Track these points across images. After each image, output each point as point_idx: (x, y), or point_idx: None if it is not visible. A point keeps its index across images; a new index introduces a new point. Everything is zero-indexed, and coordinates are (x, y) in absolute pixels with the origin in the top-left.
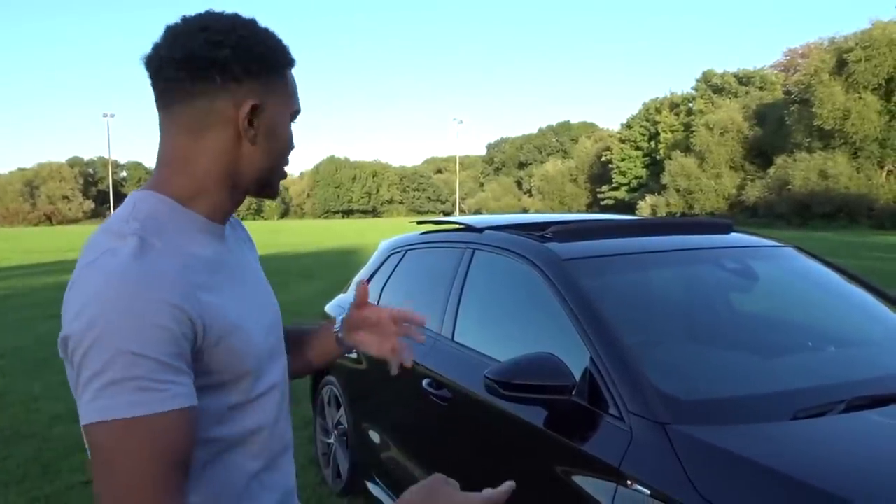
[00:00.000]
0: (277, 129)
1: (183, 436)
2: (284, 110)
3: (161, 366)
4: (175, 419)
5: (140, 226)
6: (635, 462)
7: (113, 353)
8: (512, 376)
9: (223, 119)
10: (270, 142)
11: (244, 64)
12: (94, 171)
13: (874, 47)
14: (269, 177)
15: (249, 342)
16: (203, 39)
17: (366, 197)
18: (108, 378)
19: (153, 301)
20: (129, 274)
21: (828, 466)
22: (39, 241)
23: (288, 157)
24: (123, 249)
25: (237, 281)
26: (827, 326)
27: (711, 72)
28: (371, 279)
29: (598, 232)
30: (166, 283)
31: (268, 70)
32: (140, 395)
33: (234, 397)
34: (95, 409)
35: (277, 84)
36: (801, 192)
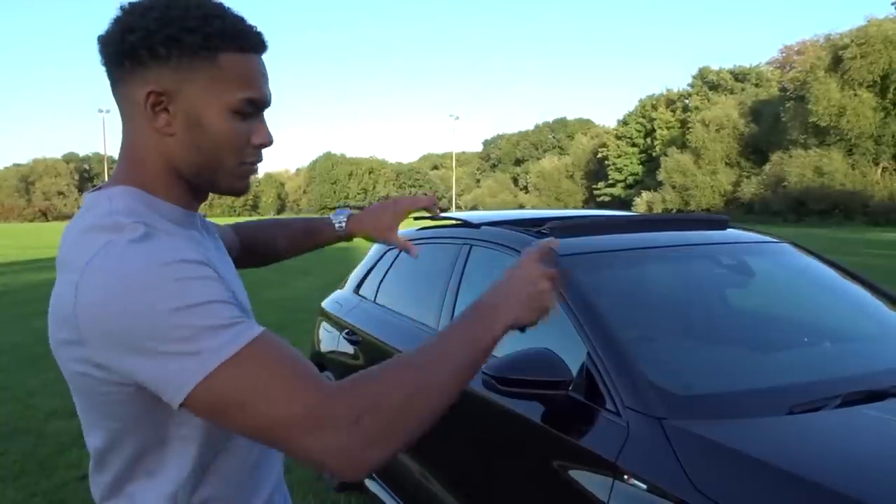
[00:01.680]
0: (202, 120)
1: (281, 341)
2: (213, 99)
3: (229, 306)
4: (269, 335)
5: (128, 217)
6: (632, 457)
7: (184, 314)
8: (509, 371)
9: (137, 107)
10: (193, 134)
11: (149, 46)
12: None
13: (869, 44)
14: (209, 173)
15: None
16: (120, 22)
17: (362, 193)
18: (193, 335)
19: (196, 261)
20: (150, 251)
21: (823, 461)
22: (35, 237)
23: (241, 153)
24: (126, 238)
25: (224, 263)
26: (823, 322)
27: (707, 68)
28: (369, 274)
29: (594, 228)
30: (192, 251)
31: (180, 53)
32: (231, 329)
33: None
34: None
35: (201, 70)
36: (796, 189)
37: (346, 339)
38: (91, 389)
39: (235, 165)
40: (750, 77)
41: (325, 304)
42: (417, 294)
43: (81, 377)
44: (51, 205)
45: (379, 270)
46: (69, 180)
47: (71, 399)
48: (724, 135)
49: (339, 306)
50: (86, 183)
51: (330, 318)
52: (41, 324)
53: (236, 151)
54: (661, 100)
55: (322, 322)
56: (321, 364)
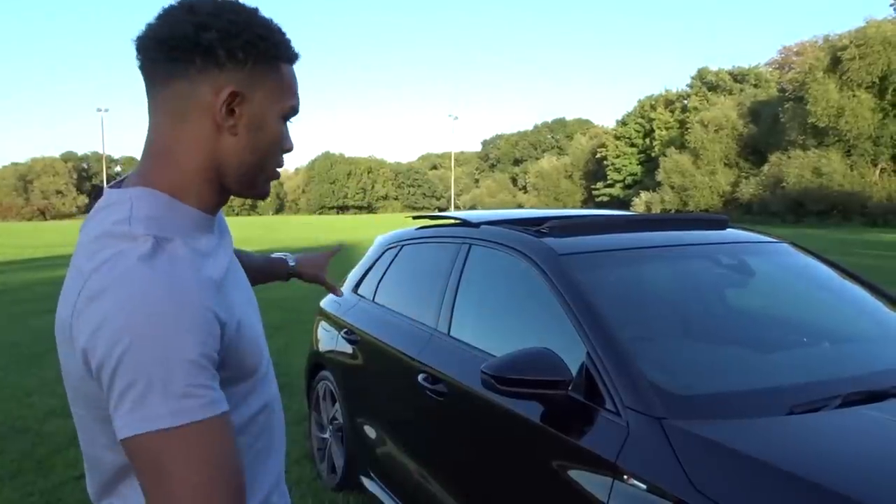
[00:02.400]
0: (263, 123)
1: (229, 438)
2: (273, 105)
3: (197, 369)
4: (221, 422)
5: (145, 226)
6: (632, 457)
7: (147, 362)
8: (508, 371)
9: (202, 105)
10: (254, 135)
11: (228, 49)
12: (88, 166)
13: (868, 45)
14: (254, 174)
15: (255, 330)
16: (189, 20)
17: (361, 193)
18: (146, 388)
19: (183, 304)
20: (153, 280)
21: (823, 461)
22: (33, 236)
23: (279, 158)
24: (136, 252)
25: (233, 271)
26: (822, 322)
27: (706, 69)
28: (368, 273)
29: (594, 227)
30: (192, 285)
31: (255, 59)
32: (182, 401)
33: (247, 385)
34: (138, 420)
35: (267, 75)
36: (795, 190)
37: (344, 338)
38: (82, 390)
39: (273, 168)
40: (749, 78)
41: (323, 304)
42: (416, 293)
43: (73, 377)
44: (49, 204)
45: (378, 269)
46: (67, 179)
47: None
48: (723, 135)
49: (337, 305)
50: (84, 182)
51: (328, 317)
52: (39, 323)
53: (277, 154)
54: (660, 100)
55: (321, 321)
56: (320, 364)
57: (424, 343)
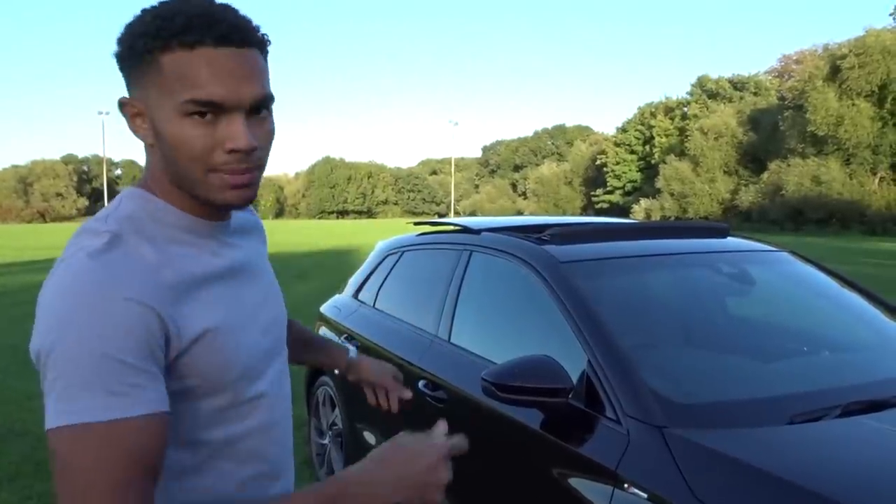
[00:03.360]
0: (159, 128)
1: (151, 441)
2: (164, 103)
3: (127, 367)
4: (143, 424)
5: (117, 224)
6: (632, 465)
7: (76, 355)
8: (509, 378)
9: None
10: (161, 145)
11: (120, 57)
12: (89, 169)
13: (867, 54)
14: (185, 184)
15: (238, 346)
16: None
17: (361, 198)
18: (71, 380)
19: (117, 299)
20: (91, 272)
21: (824, 471)
22: (33, 238)
23: (207, 159)
24: (91, 249)
25: (230, 279)
26: (822, 331)
27: (706, 77)
28: (369, 279)
29: (595, 235)
30: (133, 281)
31: (133, 60)
32: (106, 398)
33: (221, 400)
34: (58, 413)
35: (150, 74)
36: (794, 198)
37: (344, 344)
38: None
39: (203, 174)
40: (748, 86)
41: (323, 309)
42: (417, 300)
43: None
44: (49, 206)
45: (378, 275)
46: (68, 182)
47: None
48: (723, 143)
49: (338, 311)
50: (84, 185)
51: (329, 322)
52: None
53: (196, 158)
54: (660, 107)
55: (321, 327)
56: (320, 370)
57: (425, 349)
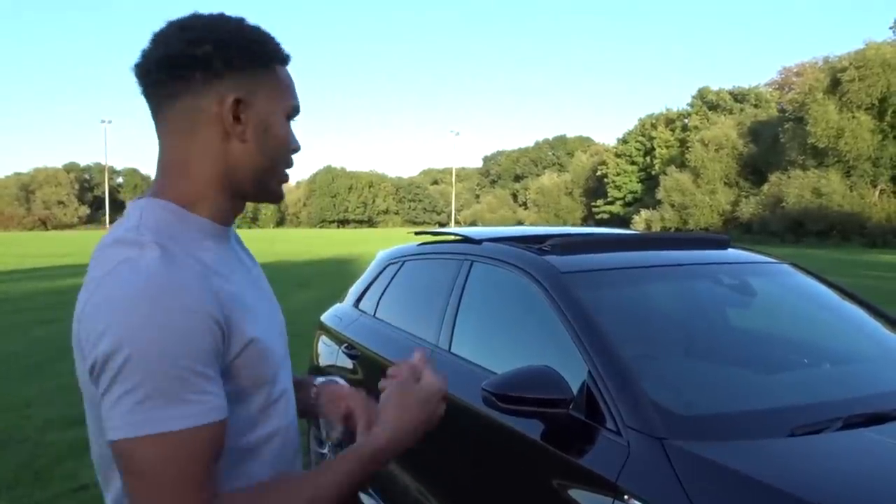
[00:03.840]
0: (270, 126)
1: (219, 445)
2: (276, 106)
3: (198, 376)
4: (216, 430)
5: (154, 234)
6: (632, 477)
7: (149, 367)
8: (509, 389)
9: (209, 117)
10: (263, 139)
11: (225, 58)
12: (91, 177)
13: (867, 67)
14: (267, 178)
15: (268, 348)
16: (182, 38)
17: (362, 207)
18: (147, 391)
19: (184, 311)
20: (155, 284)
21: (825, 483)
22: (34, 245)
23: (289, 158)
24: (143, 259)
25: (248, 285)
26: (823, 343)
27: (707, 89)
28: (369, 288)
29: (596, 245)
30: (194, 291)
31: (252, 63)
32: (181, 408)
33: (255, 404)
34: (136, 424)
35: (265, 78)
36: (794, 210)
37: (344, 353)
38: (90, 397)
39: (283, 170)
40: (749, 98)
41: (324, 318)
42: (418, 309)
43: (82, 381)
44: (50, 214)
45: (379, 285)
46: (69, 190)
47: (68, 409)
48: (723, 155)
49: (338, 320)
50: (86, 193)
51: (329, 331)
52: (40, 333)
53: (288, 153)
54: (661, 119)
55: (321, 336)
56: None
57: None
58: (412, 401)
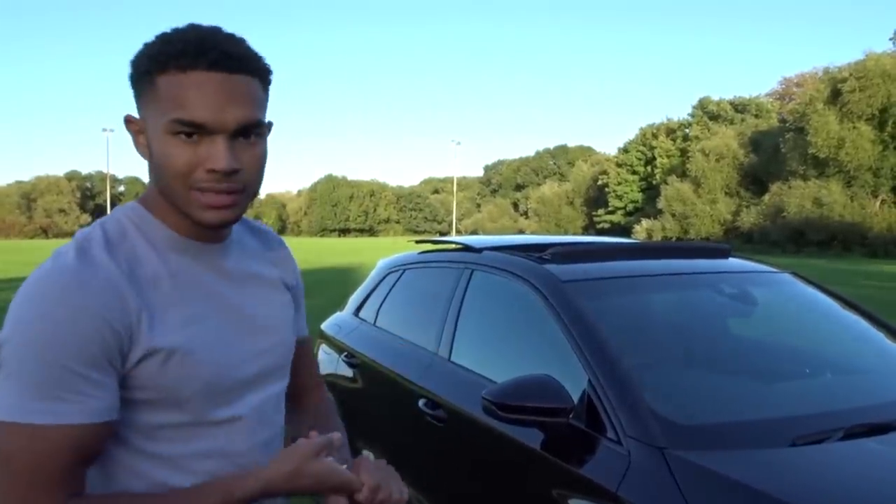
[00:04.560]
0: (151, 144)
1: (93, 448)
2: (155, 122)
3: (77, 377)
4: (84, 432)
5: (99, 231)
6: (633, 486)
7: (28, 358)
8: (509, 398)
9: None
10: (151, 160)
11: (131, 76)
12: (92, 186)
13: (868, 78)
14: (171, 200)
15: (193, 366)
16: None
17: (363, 216)
18: (22, 381)
19: (76, 311)
20: (55, 280)
21: (826, 494)
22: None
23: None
24: (61, 256)
25: (206, 301)
26: (824, 353)
27: (708, 99)
28: (370, 296)
29: (597, 254)
30: (91, 292)
31: (137, 78)
32: (53, 404)
33: (173, 418)
34: (4, 409)
35: (147, 93)
36: (795, 220)
37: (345, 361)
38: None
39: (185, 192)
40: (750, 108)
41: (324, 326)
42: (418, 318)
43: None
44: (52, 222)
45: (379, 293)
46: (71, 198)
47: None
48: (724, 164)
49: (338, 328)
50: (87, 201)
51: (329, 340)
52: None
53: (178, 176)
54: (662, 128)
55: (321, 344)
56: None
57: (425, 368)
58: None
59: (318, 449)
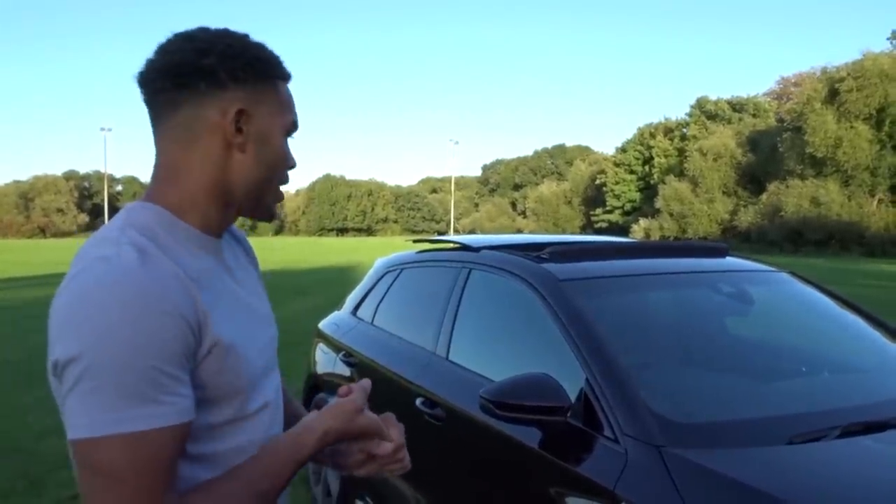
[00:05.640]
0: (269, 139)
1: (183, 447)
2: (276, 121)
3: (169, 378)
4: (181, 431)
5: (135, 234)
6: (630, 484)
7: (123, 365)
8: (507, 396)
9: (210, 126)
10: (261, 151)
11: (230, 70)
12: (90, 185)
13: (865, 78)
14: (262, 191)
15: (242, 360)
16: (189, 48)
17: (361, 215)
18: (115, 391)
19: (155, 311)
20: (127, 282)
21: (823, 491)
22: (33, 253)
23: (284, 174)
24: (119, 258)
25: (231, 297)
26: (821, 351)
27: (705, 98)
28: (367, 295)
29: (594, 253)
30: (167, 291)
31: (255, 77)
32: (150, 407)
33: (222, 415)
34: (105, 422)
35: (267, 93)
36: (793, 219)
37: (342, 360)
38: (57, 394)
39: (278, 187)
40: (747, 107)
41: (322, 325)
42: (415, 317)
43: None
44: (49, 221)
45: (377, 292)
46: (69, 198)
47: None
48: (722, 164)
49: (336, 328)
50: (85, 201)
51: (327, 339)
52: (37, 340)
53: (285, 170)
54: (660, 128)
55: (319, 343)
56: (318, 386)
57: (423, 367)
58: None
59: (362, 404)
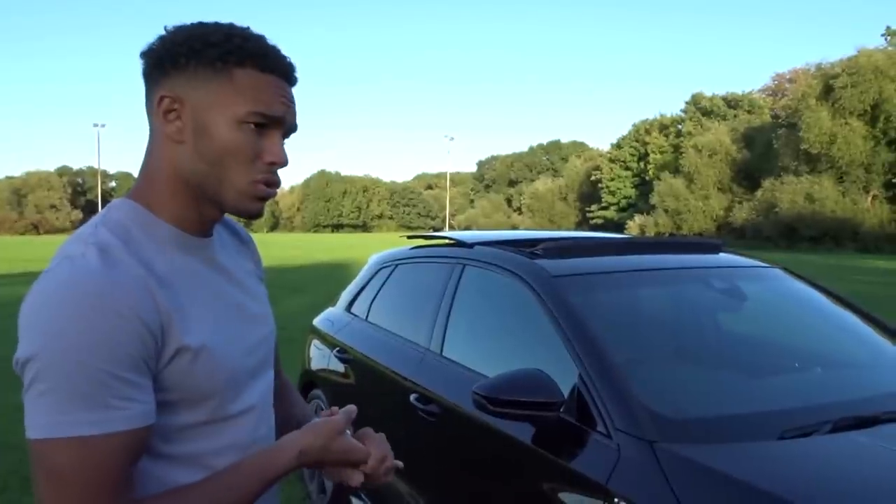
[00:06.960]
0: (209, 129)
1: (138, 451)
2: (222, 109)
3: (122, 382)
4: (134, 436)
5: (107, 233)
6: (623, 480)
7: (73, 368)
8: (500, 392)
9: (153, 115)
10: (200, 142)
11: (172, 55)
12: (83, 181)
13: (860, 74)
14: (214, 185)
15: (217, 363)
16: (157, 38)
17: (356, 211)
18: (68, 393)
19: (109, 313)
20: (84, 284)
21: (814, 486)
22: (26, 249)
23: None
24: (82, 258)
25: (211, 297)
26: (814, 347)
27: (700, 94)
28: (361, 292)
29: (588, 249)
30: (124, 293)
31: (197, 63)
32: (104, 412)
33: (194, 417)
34: (53, 425)
35: (211, 79)
36: (788, 215)
37: (336, 356)
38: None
39: (244, 181)
40: (742, 104)
41: (316, 322)
42: (410, 313)
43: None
44: (43, 218)
45: (371, 289)
46: (62, 194)
47: None
48: (717, 160)
49: (330, 324)
50: (78, 197)
51: (321, 335)
52: None
53: (242, 163)
54: (655, 124)
55: (313, 339)
56: (312, 382)
57: (417, 363)
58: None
59: (344, 426)
